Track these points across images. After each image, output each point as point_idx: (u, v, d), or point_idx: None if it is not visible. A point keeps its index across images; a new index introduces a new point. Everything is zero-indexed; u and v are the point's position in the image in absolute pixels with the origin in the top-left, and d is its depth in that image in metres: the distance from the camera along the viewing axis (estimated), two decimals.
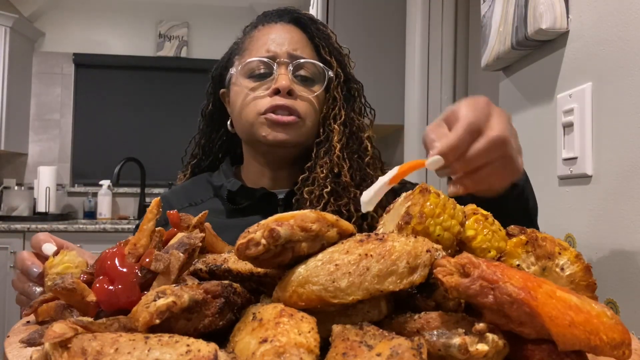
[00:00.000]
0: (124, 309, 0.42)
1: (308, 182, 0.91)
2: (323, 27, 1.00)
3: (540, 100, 0.96)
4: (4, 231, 3.06)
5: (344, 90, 0.97)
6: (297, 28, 0.98)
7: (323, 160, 0.92)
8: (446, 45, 1.80)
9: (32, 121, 3.79)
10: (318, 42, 0.98)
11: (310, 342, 0.34)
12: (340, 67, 0.98)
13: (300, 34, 0.98)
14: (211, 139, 1.09)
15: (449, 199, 0.49)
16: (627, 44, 0.73)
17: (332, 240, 0.42)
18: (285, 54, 0.93)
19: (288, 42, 0.95)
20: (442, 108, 1.79)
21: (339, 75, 0.97)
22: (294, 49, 0.94)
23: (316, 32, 0.98)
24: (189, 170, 1.10)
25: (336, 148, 0.92)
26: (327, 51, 0.97)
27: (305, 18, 1.00)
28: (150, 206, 0.51)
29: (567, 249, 0.49)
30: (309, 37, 0.98)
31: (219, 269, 0.49)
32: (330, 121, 0.95)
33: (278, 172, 0.98)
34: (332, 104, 0.96)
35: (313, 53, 0.97)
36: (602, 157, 0.78)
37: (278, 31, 0.97)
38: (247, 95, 0.93)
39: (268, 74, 0.93)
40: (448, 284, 0.37)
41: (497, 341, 0.36)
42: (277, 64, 0.92)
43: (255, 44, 0.96)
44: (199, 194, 1.00)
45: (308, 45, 0.97)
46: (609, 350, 0.36)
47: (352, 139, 0.95)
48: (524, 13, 0.91)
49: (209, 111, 1.09)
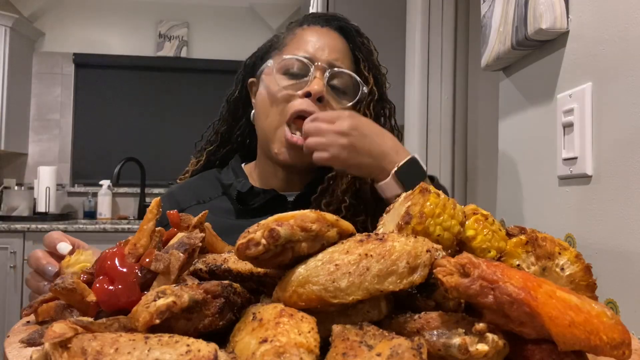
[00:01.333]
0: (124, 309, 0.42)
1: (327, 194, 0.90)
2: (367, 42, 0.99)
3: (540, 100, 0.96)
4: (4, 231, 3.06)
5: (376, 109, 0.96)
6: (341, 37, 0.97)
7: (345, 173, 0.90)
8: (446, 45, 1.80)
9: (32, 121, 3.79)
10: (359, 56, 0.97)
11: (310, 342, 0.34)
12: (377, 85, 0.97)
13: (343, 44, 0.96)
14: (231, 127, 1.07)
15: (449, 199, 0.49)
16: (627, 44, 0.73)
17: (332, 240, 0.42)
18: (324, 60, 0.91)
19: (330, 49, 0.93)
20: (442, 108, 1.79)
21: (373, 92, 0.96)
22: (334, 58, 0.92)
23: (360, 45, 0.97)
24: (203, 157, 1.07)
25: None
26: (366, 66, 0.96)
27: (352, 29, 0.99)
28: (150, 206, 0.51)
29: (567, 249, 0.49)
30: (352, 48, 0.97)
31: (219, 269, 0.49)
32: None
33: (290, 175, 0.97)
34: None
35: (352, 65, 0.96)
36: (602, 157, 0.78)
37: (322, 35, 0.95)
38: (278, 91, 0.91)
39: (303, 74, 0.91)
40: (448, 284, 0.37)
41: (497, 341, 0.36)
42: (315, 67, 0.90)
43: (296, 42, 0.95)
44: (207, 191, 0.99)
45: (348, 57, 0.96)
46: (609, 350, 0.36)
47: None
48: (524, 13, 0.91)
49: (234, 98, 1.05)
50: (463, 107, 1.82)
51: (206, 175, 1.04)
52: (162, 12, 4.00)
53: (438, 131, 1.79)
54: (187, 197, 0.98)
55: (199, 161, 1.08)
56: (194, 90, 3.94)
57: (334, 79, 0.92)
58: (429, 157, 1.79)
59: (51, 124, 3.83)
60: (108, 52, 3.91)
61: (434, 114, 1.80)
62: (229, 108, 1.06)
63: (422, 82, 1.80)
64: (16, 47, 3.50)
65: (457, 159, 1.80)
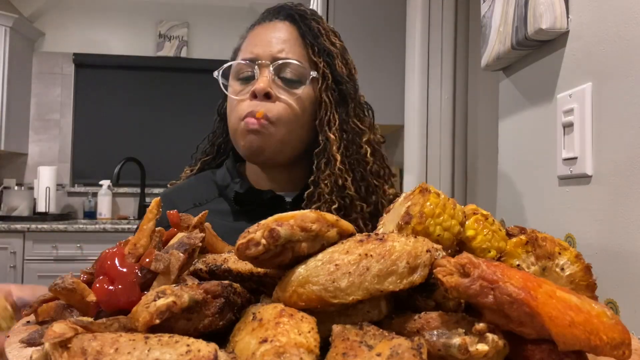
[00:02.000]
0: (124, 309, 0.42)
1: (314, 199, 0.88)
2: (315, 24, 0.95)
3: (540, 100, 0.96)
4: (4, 231, 3.06)
5: (335, 92, 0.92)
6: (290, 25, 0.95)
7: (325, 174, 0.88)
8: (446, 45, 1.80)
9: (32, 121, 3.80)
10: (308, 41, 0.93)
11: (310, 342, 0.34)
12: (329, 68, 0.92)
13: (290, 33, 0.94)
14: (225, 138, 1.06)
15: (449, 199, 0.49)
16: (627, 44, 0.73)
17: (332, 240, 0.42)
18: (267, 56, 0.90)
19: (275, 43, 0.91)
20: (442, 108, 1.79)
21: (326, 76, 0.92)
22: (279, 50, 0.90)
23: (307, 29, 0.94)
24: (197, 167, 1.07)
25: (337, 160, 0.88)
26: (315, 51, 0.93)
27: (297, 15, 0.95)
28: (150, 206, 0.51)
29: (567, 249, 0.49)
30: (301, 35, 0.94)
31: (219, 269, 0.49)
32: (324, 128, 0.91)
33: (276, 175, 0.95)
34: (323, 108, 0.91)
35: (303, 52, 0.93)
36: (602, 157, 0.78)
37: (267, 30, 0.94)
38: (232, 98, 0.91)
39: (252, 76, 0.90)
40: (448, 284, 0.37)
41: (497, 341, 0.36)
42: (258, 65, 0.89)
43: (246, 45, 0.94)
44: (203, 193, 0.97)
45: (298, 44, 0.93)
46: (609, 350, 0.36)
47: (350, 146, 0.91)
48: (524, 13, 0.91)
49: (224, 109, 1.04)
50: (463, 107, 1.82)
51: (201, 177, 1.03)
52: (162, 12, 4.00)
53: (438, 131, 1.79)
54: (184, 199, 0.96)
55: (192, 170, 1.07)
56: (194, 90, 3.94)
57: (284, 72, 0.90)
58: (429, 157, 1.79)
59: (51, 124, 3.83)
60: (108, 52, 3.91)
61: (434, 114, 1.79)
62: (220, 119, 1.05)
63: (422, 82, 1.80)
64: (16, 47, 3.50)
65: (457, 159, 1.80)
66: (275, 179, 0.96)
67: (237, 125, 0.89)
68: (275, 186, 0.95)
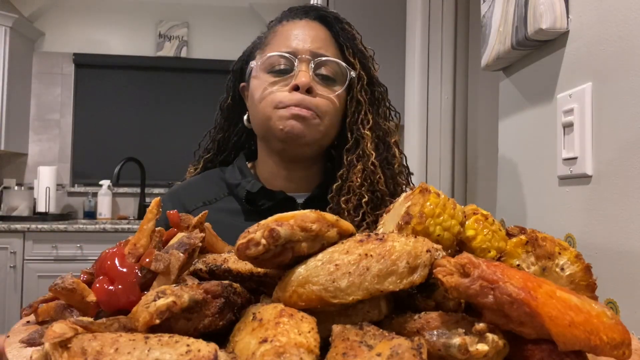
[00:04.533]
0: (124, 309, 0.42)
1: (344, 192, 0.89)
2: (348, 27, 0.98)
3: (540, 100, 0.96)
4: (4, 231, 3.06)
5: (369, 94, 0.95)
6: (322, 26, 0.96)
7: (357, 168, 0.90)
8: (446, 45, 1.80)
9: (32, 121, 3.79)
10: (342, 42, 0.96)
11: (310, 342, 0.34)
12: (364, 69, 0.96)
13: (324, 32, 0.95)
14: (228, 134, 1.06)
15: (449, 199, 0.49)
16: (627, 44, 0.73)
17: (332, 240, 0.42)
18: (307, 51, 0.91)
19: (311, 40, 0.92)
20: (442, 108, 1.79)
21: (361, 77, 0.95)
22: (317, 47, 0.92)
23: (341, 31, 0.96)
24: (200, 165, 1.07)
25: (371, 156, 0.90)
26: (351, 52, 0.95)
27: (331, 16, 0.97)
28: (150, 206, 0.51)
29: (567, 249, 0.49)
30: (334, 36, 0.96)
31: (219, 269, 0.49)
32: (358, 126, 0.93)
33: (293, 172, 0.96)
34: (357, 107, 0.94)
35: (337, 52, 0.95)
36: (602, 157, 0.78)
37: (302, 28, 0.95)
38: (265, 89, 0.91)
39: (288, 70, 0.91)
40: (448, 284, 0.37)
41: (497, 341, 0.36)
42: (299, 60, 0.90)
43: (277, 39, 0.94)
44: (212, 191, 0.97)
45: (332, 44, 0.95)
46: (609, 350, 0.36)
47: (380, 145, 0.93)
48: (524, 13, 0.91)
49: (228, 105, 1.05)
50: (463, 107, 1.82)
51: (210, 174, 1.02)
52: (162, 12, 4.00)
53: (438, 131, 1.79)
54: (193, 198, 0.96)
55: (196, 169, 1.07)
56: (194, 90, 3.94)
57: (320, 68, 0.92)
58: (429, 157, 1.79)
59: (51, 124, 3.83)
60: (108, 52, 3.91)
61: (434, 114, 1.79)
62: (223, 115, 1.06)
63: (422, 82, 1.80)
64: (16, 47, 3.50)
65: (457, 159, 1.80)
66: (289, 177, 0.96)
67: (273, 113, 0.89)
68: (288, 185, 0.95)
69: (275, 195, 0.91)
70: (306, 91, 0.88)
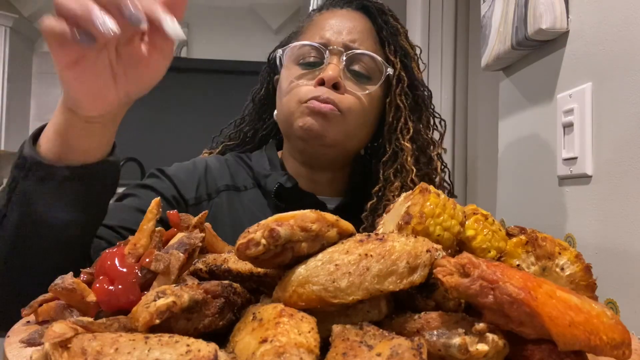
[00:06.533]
0: (124, 309, 0.42)
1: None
2: (394, 21, 0.89)
3: (540, 100, 0.96)
4: None
5: (410, 98, 0.86)
6: (364, 16, 0.87)
7: (394, 186, 0.81)
8: (446, 45, 1.80)
9: (32, 121, 3.79)
10: (384, 37, 0.86)
11: (310, 342, 0.34)
12: (405, 69, 0.86)
13: (365, 24, 0.86)
14: (256, 128, 0.98)
15: (448, 199, 0.49)
16: (627, 44, 0.73)
17: (332, 241, 0.42)
18: (340, 43, 0.82)
19: (348, 31, 0.84)
20: (442, 108, 1.79)
21: (402, 78, 0.85)
22: (352, 40, 0.83)
23: (384, 25, 0.87)
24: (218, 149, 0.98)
25: (412, 172, 0.81)
26: (392, 49, 0.86)
27: (375, 7, 0.88)
28: (150, 206, 0.51)
29: (567, 249, 0.49)
30: (376, 29, 0.87)
31: (219, 269, 0.49)
32: (398, 135, 0.83)
33: (317, 174, 0.88)
34: (396, 113, 0.84)
35: (376, 47, 0.86)
36: (602, 157, 0.78)
37: (340, 17, 0.86)
38: (292, 82, 0.83)
39: (318, 62, 0.83)
40: (448, 284, 0.37)
41: (497, 341, 0.36)
42: (329, 52, 0.82)
43: (312, 29, 0.87)
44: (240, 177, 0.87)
45: (371, 38, 0.86)
46: (609, 350, 0.36)
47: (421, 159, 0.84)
48: (524, 13, 0.91)
49: (260, 97, 0.97)
50: (463, 107, 1.82)
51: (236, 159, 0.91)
52: None
53: None
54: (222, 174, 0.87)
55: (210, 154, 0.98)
56: (194, 90, 3.94)
57: (353, 63, 0.83)
58: None
59: None
60: None
61: None
62: (254, 107, 0.97)
63: None
64: (16, 47, 3.50)
65: (457, 159, 1.80)
66: (315, 180, 0.88)
67: (296, 108, 0.81)
68: (314, 187, 0.88)
69: (305, 198, 0.83)
70: (333, 86, 0.80)
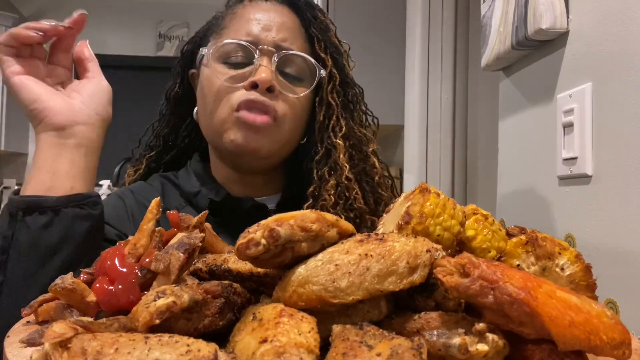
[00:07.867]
0: (124, 309, 0.42)
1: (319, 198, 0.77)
2: (322, 16, 0.84)
3: (540, 100, 0.96)
4: None
5: (341, 96, 0.82)
6: (290, 12, 0.82)
7: (330, 184, 0.78)
8: (446, 45, 1.80)
9: None
10: (313, 34, 0.82)
11: (310, 342, 0.34)
12: (337, 66, 0.82)
13: (293, 20, 0.81)
14: (175, 129, 0.91)
15: (448, 199, 0.49)
16: (627, 44, 0.73)
17: (332, 240, 0.42)
18: (270, 42, 0.77)
19: (277, 28, 0.78)
20: (442, 108, 1.79)
21: (333, 76, 0.81)
22: (282, 39, 0.78)
23: (313, 20, 0.82)
24: (143, 165, 0.91)
25: (345, 169, 0.78)
26: (322, 46, 0.82)
27: (302, 1, 0.83)
28: (150, 206, 0.51)
29: (567, 249, 0.49)
30: (304, 25, 0.82)
31: (219, 269, 0.49)
32: (329, 133, 0.80)
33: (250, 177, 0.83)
34: (328, 111, 0.81)
35: (306, 45, 0.81)
36: (602, 157, 0.78)
37: (267, 12, 0.79)
38: (219, 85, 0.76)
39: (247, 62, 0.77)
40: (448, 284, 0.37)
41: (497, 341, 0.36)
42: (260, 52, 0.76)
43: (236, 23, 0.80)
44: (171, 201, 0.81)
45: (300, 36, 0.81)
46: (609, 350, 0.36)
47: (356, 155, 0.81)
48: (524, 13, 0.91)
49: (175, 94, 0.90)
50: (463, 107, 1.82)
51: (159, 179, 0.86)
52: (162, 12, 4.00)
53: (438, 131, 1.79)
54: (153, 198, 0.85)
55: (137, 170, 0.91)
56: None
57: (284, 65, 0.78)
58: (429, 157, 1.79)
59: None
60: (108, 52, 3.91)
61: (434, 114, 1.80)
62: (169, 106, 0.91)
63: (422, 82, 1.80)
64: None
65: (457, 159, 1.81)
66: (249, 183, 0.84)
67: (227, 116, 0.76)
68: (250, 190, 0.83)
69: (243, 204, 0.78)
70: (266, 90, 0.75)
